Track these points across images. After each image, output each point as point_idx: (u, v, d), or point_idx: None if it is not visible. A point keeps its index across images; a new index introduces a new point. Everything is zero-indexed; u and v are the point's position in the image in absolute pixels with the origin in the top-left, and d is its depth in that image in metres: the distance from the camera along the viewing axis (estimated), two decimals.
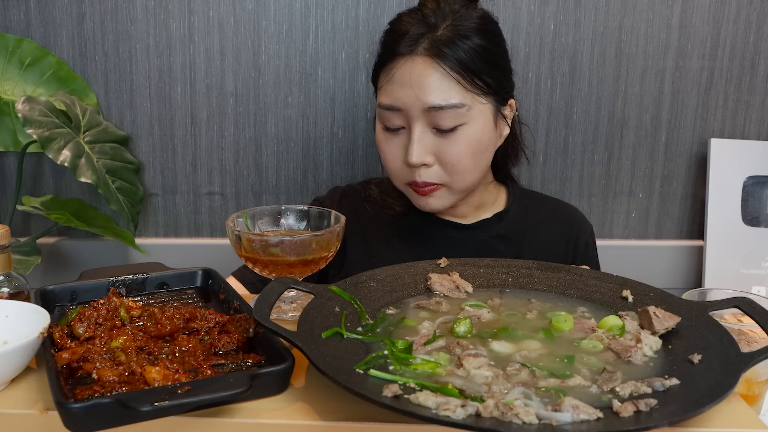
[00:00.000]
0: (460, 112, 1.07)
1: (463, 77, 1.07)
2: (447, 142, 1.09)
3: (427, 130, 1.09)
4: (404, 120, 1.10)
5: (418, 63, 1.07)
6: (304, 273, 0.94)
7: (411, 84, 1.07)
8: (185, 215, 1.61)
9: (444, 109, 1.06)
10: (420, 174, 1.11)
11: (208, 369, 0.74)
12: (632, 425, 0.63)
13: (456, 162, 1.10)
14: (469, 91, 1.08)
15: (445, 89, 1.06)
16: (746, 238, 1.56)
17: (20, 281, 0.91)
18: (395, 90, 1.09)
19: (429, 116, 1.07)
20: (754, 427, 0.68)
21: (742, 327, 0.87)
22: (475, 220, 1.25)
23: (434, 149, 1.09)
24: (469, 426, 0.62)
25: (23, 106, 1.36)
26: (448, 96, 1.06)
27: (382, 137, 1.14)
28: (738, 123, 1.59)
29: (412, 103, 1.07)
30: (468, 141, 1.09)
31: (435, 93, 1.06)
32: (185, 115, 1.56)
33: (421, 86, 1.06)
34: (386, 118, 1.11)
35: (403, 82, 1.08)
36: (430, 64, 1.06)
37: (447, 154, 1.09)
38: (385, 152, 1.14)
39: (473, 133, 1.10)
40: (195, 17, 1.50)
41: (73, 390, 0.71)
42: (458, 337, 0.81)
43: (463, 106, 1.07)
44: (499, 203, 1.28)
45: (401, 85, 1.08)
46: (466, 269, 0.98)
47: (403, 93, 1.08)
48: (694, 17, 1.52)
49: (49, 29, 1.51)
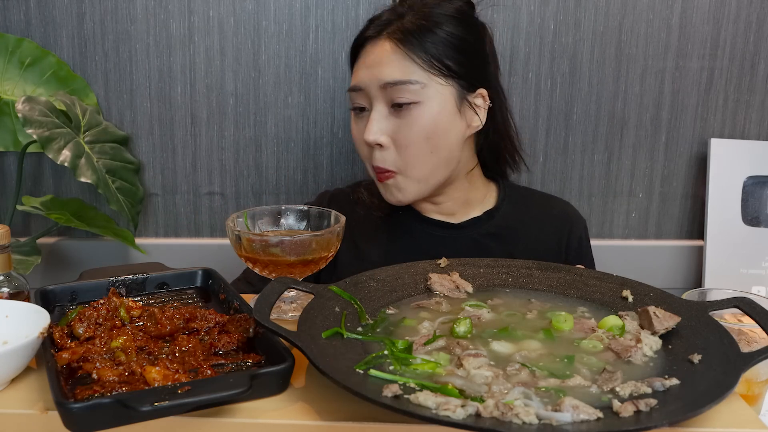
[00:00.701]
0: (414, 88, 1.09)
1: (418, 55, 1.10)
2: (402, 122, 1.11)
3: (385, 109, 1.12)
4: (367, 100, 1.13)
5: (379, 45, 1.12)
6: (304, 273, 0.94)
7: (371, 64, 1.12)
8: (185, 215, 1.61)
9: (398, 85, 1.09)
10: (376, 157, 1.13)
11: (208, 369, 0.74)
12: (632, 425, 0.63)
13: (408, 143, 1.11)
14: (426, 71, 1.10)
15: (400, 66, 1.10)
16: (746, 238, 1.56)
17: (20, 281, 0.91)
18: (359, 71, 1.14)
19: (386, 93, 1.11)
20: (754, 427, 0.68)
21: (742, 327, 0.87)
22: (464, 218, 1.25)
23: (391, 131, 1.12)
24: (469, 426, 0.62)
25: (23, 106, 1.36)
26: (403, 72, 1.10)
27: (352, 122, 1.18)
28: (738, 123, 1.59)
29: (370, 80, 1.11)
30: (422, 121, 1.10)
31: (390, 69, 1.10)
32: (185, 115, 1.56)
33: (380, 64, 1.11)
34: (352, 99, 1.16)
35: (366, 63, 1.13)
36: (391, 45, 1.11)
37: (400, 134, 1.11)
38: (353, 135, 1.18)
39: (428, 114, 1.11)
40: (195, 17, 1.50)
41: (73, 390, 0.71)
42: (458, 337, 0.81)
43: (417, 83, 1.10)
44: (489, 201, 1.27)
45: (364, 66, 1.13)
46: (466, 269, 0.98)
47: (364, 73, 1.13)
48: (694, 17, 1.52)
49: (49, 29, 1.51)
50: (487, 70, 1.18)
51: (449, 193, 1.22)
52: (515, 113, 1.56)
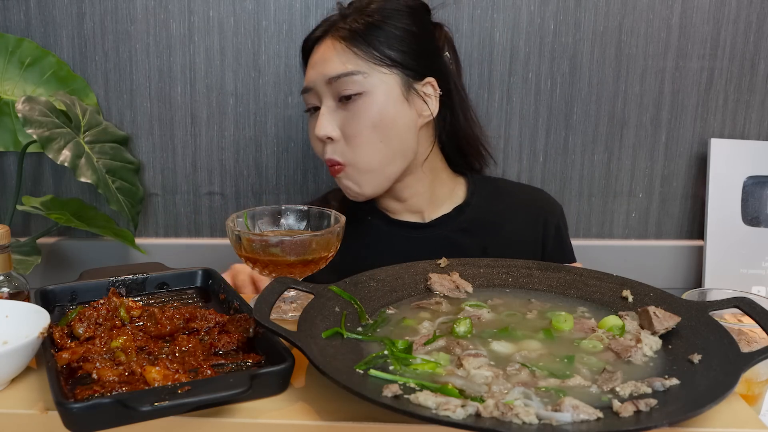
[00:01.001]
0: (356, 79, 1.12)
1: (358, 47, 1.13)
2: (349, 113, 1.13)
3: (333, 104, 1.14)
4: (317, 99, 1.16)
5: (323, 44, 1.16)
6: (304, 273, 0.94)
7: (317, 63, 1.15)
8: (185, 215, 1.61)
9: (341, 78, 1.12)
10: (327, 151, 1.15)
11: (208, 369, 0.74)
12: (632, 425, 0.63)
13: (356, 133, 1.12)
14: (367, 61, 1.13)
15: (341, 60, 1.13)
16: (746, 238, 1.56)
17: (20, 281, 0.91)
18: (308, 72, 1.18)
19: (332, 88, 1.13)
20: (754, 427, 0.68)
21: (742, 327, 0.87)
22: (434, 216, 1.25)
23: (340, 123, 1.13)
24: (469, 426, 0.62)
25: (23, 106, 1.36)
26: (343, 65, 1.12)
27: (308, 123, 1.21)
28: (738, 123, 1.59)
29: (317, 78, 1.14)
30: (368, 111, 1.12)
31: (332, 64, 1.13)
32: (185, 115, 1.56)
33: (323, 62, 1.14)
34: (305, 101, 1.19)
35: (312, 63, 1.17)
36: (333, 42, 1.14)
37: (349, 126, 1.13)
38: (309, 135, 1.21)
39: (373, 103, 1.12)
40: (195, 17, 1.50)
41: (73, 390, 0.71)
42: (458, 337, 0.81)
43: (359, 73, 1.12)
44: (458, 196, 1.27)
45: (311, 66, 1.17)
46: (466, 269, 0.98)
47: (311, 73, 1.16)
48: (694, 17, 1.52)
49: (49, 29, 1.51)
50: (436, 61, 1.20)
51: (412, 187, 1.22)
52: (515, 113, 1.56)
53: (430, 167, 1.22)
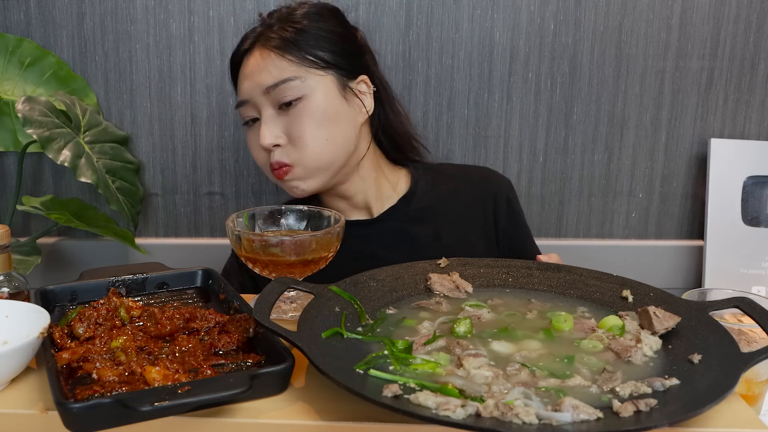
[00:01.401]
0: (294, 84, 1.13)
1: (291, 53, 1.14)
2: (291, 117, 1.14)
3: (273, 112, 1.15)
4: (255, 110, 1.16)
5: (253, 55, 1.16)
6: (304, 273, 0.94)
7: (250, 74, 1.15)
8: (185, 215, 1.61)
9: (278, 86, 1.12)
10: (273, 155, 1.15)
11: (208, 369, 0.74)
12: (632, 425, 0.63)
13: (301, 134, 1.13)
14: (301, 66, 1.14)
15: (275, 68, 1.13)
16: (746, 238, 1.56)
17: (20, 281, 0.91)
18: (241, 84, 1.18)
19: (270, 98, 1.14)
20: (754, 427, 0.68)
21: (742, 327, 0.87)
22: (381, 210, 1.25)
23: (284, 128, 1.14)
24: (469, 426, 0.62)
25: (23, 106, 1.36)
26: (279, 72, 1.13)
27: (247, 136, 1.21)
28: (738, 123, 1.59)
29: (252, 90, 1.15)
30: (310, 112, 1.14)
31: (267, 73, 1.13)
32: (185, 115, 1.56)
33: (258, 72, 1.14)
34: (242, 115, 1.19)
35: (245, 75, 1.17)
36: (262, 52, 1.15)
37: (293, 129, 1.14)
38: (250, 147, 1.21)
39: (314, 104, 1.14)
40: (195, 17, 1.50)
41: (73, 390, 0.71)
42: (458, 337, 0.81)
43: (296, 78, 1.13)
44: (402, 186, 1.28)
45: (243, 78, 1.17)
46: (466, 269, 0.98)
47: (246, 85, 1.16)
48: (694, 17, 1.52)
49: (49, 29, 1.51)
50: (363, 59, 1.22)
51: (355, 183, 1.23)
52: (515, 113, 1.56)
53: (371, 162, 1.24)
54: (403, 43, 1.52)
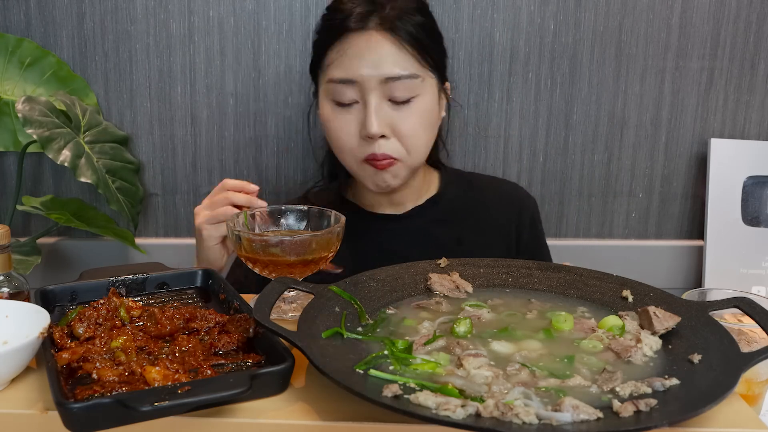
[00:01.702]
0: (415, 83, 1.11)
1: (415, 49, 1.11)
2: (402, 114, 1.12)
3: (382, 102, 1.11)
4: (358, 93, 1.12)
5: (372, 36, 1.11)
6: (304, 273, 0.94)
7: (367, 56, 1.10)
8: (185, 215, 1.61)
9: (400, 80, 1.10)
10: (379, 146, 1.13)
11: (208, 369, 0.74)
12: (632, 425, 0.63)
13: (412, 134, 1.12)
14: (421, 64, 1.12)
15: (400, 60, 1.10)
16: (746, 238, 1.56)
17: (20, 281, 0.91)
18: (350, 63, 1.11)
19: (385, 88, 1.10)
20: (754, 427, 0.68)
21: (742, 327, 0.87)
22: (409, 207, 1.26)
23: (390, 122, 1.12)
24: (469, 426, 0.62)
25: (23, 106, 1.36)
26: (404, 66, 1.10)
27: (331, 115, 1.16)
28: (738, 123, 1.59)
29: (368, 74, 1.10)
30: (421, 113, 1.13)
31: (391, 64, 1.10)
32: (185, 115, 1.56)
33: (378, 58, 1.10)
34: (339, 93, 1.13)
35: (359, 55, 1.11)
36: (385, 37, 1.10)
37: (403, 126, 1.12)
38: (337, 129, 1.15)
39: (425, 105, 1.13)
40: (195, 17, 1.50)
41: (73, 390, 0.71)
42: (458, 337, 0.81)
43: (417, 77, 1.11)
44: (432, 188, 1.29)
45: (356, 58, 1.11)
46: (466, 269, 0.98)
47: (358, 65, 1.10)
48: (694, 17, 1.52)
49: (49, 29, 1.51)
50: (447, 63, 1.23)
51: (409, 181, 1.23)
52: (515, 113, 1.56)
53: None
54: None
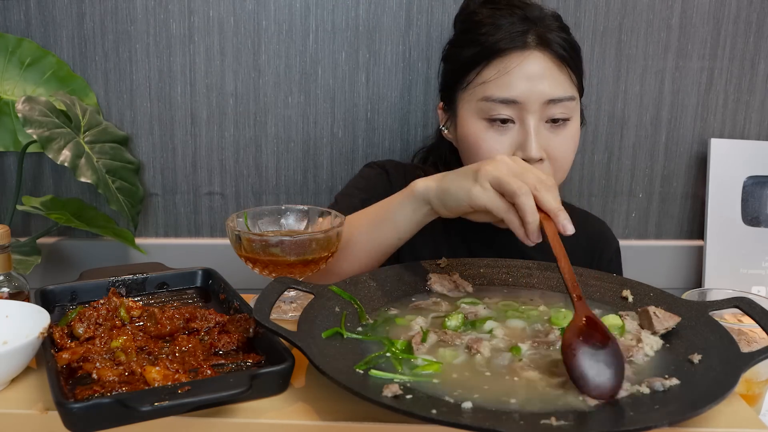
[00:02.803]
0: (571, 105, 1.10)
1: (570, 70, 1.11)
2: (556, 136, 1.10)
3: (541, 124, 1.10)
4: (516, 113, 1.09)
5: (534, 56, 1.09)
6: (304, 273, 0.94)
7: (529, 77, 1.08)
8: (185, 215, 1.61)
9: (561, 102, 1.09)
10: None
11: (208, 369, 0.74)
12: (632, 425, 0.63)
13: (563, 157, 1.11)
14: (574, 84, 1.12)
15: (561, 81, 1.10)
16: (746, 238, 1.56)
17: (20, 281, 0.91)
18: (512, 82, 1.08)
19: (544, 109, 1.09)
20: (754, 427, 0.68)
21: (742, 327, 0.87)
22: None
23: (546, 144, 1.10)
24: (470, 426, 0.62)
25: (23, 106, 1.36)
26: (565, 89, 1.10)
27: (482, 133, 1.12)
28: (738, 123, 1.59)
29: (531, 95, 1.08)
30: (573, 136, 1.12)
31: (554, 85, 1.09)
32: (185, 115, 1.55)
33: (542, 79, 1.08)
34: (496, 112, 1.10)
35: (521, 75, 1.08)
36: (545, 56, 1.09)
37: (557, 149, 1.10)
38: (489, 149, 1.11)
39: (576, 128, 1.13)
40: (195, 17, 1.50)
41: (73, 390, 0.71)
42: (450, 330, 0.81)
43: (573, 99, 1.11)
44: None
45: (519, 78, 1.08)
46: (466, 269, 0.98)
47: (521, 86, 1.08)
48: (694, 17, 1.52)
49: (49, 29, 1.51)
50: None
51: None
52: None
53: None
54: (403, 43, 1.52)
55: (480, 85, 1.11)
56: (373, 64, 1.53)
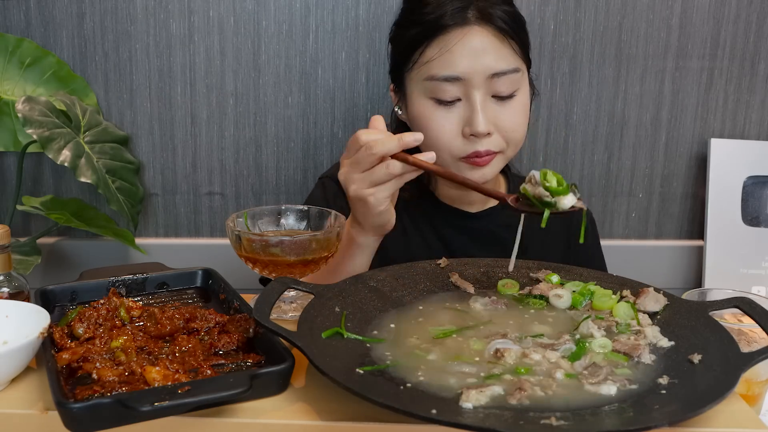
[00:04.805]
0: (517, 77, 1.10)
1: (513, 41, 1.10)
2: (505, 109, 1.11)
3: (487, 99, 1.10)
4: (461, 91, 1.10)
5: (475, 31, 1.09)
6: (304, 273, 0.94)
7: (471, 52, 1.08)
8: (185, 215, 1.61)
9: (505, 75, 1.09)
10: (482, 143, 1.11)
11: (208, 369, 0.74)
12: (632, 425, 0.63)
13: (513, 129, 1.12)
14: (518, 57, 1.11)
15: (504, 55, 1.09)
16: (746, 238, 1.56)
17: (20, 281, 0.90)
18: (454, 60, 1.08)
19: (489, 84, 1.09)
20: (754, 427, 0.68)
21: (742, 327, 0.87)
22: (481, 208, 1.25)
23: (494, 118, 1.10)
24: (470, 426, 0.62)
25: (23, 106, 1.36)
26: (508, 61, 1.09)
27: (430, 113, 1.12)
28: (738, 123, 1.59)
29: (474, 71, 1.08)
30: (522, 108, 1.13)
31: (496, 59, 1.08)
32: (185, 115, 1.56)
33: (483, 53, 1.08)
34: (442, 91, 1.10)
35: (464, 52, 1.08)
36: (486, 30, 1.09)
37: (506, 121, 1.11)
38: (437, 127, 1.12)
39: (525, 99, 1.13)
40: (195, 17, 1.50)
41: (73, 390, 0.71)
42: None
43: (518, 71, 1.10)
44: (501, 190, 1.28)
45: (461, 55, 1.08)
46: (466, 269, 0.98)
47: (464, 62, 1.08)
48: (694, 17, 1.52)
49: (49, 29, 1.51)
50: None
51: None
52: None
53: None
54: None
55: (425, 65, 1.11)
56: (373, 64, 1.53)
